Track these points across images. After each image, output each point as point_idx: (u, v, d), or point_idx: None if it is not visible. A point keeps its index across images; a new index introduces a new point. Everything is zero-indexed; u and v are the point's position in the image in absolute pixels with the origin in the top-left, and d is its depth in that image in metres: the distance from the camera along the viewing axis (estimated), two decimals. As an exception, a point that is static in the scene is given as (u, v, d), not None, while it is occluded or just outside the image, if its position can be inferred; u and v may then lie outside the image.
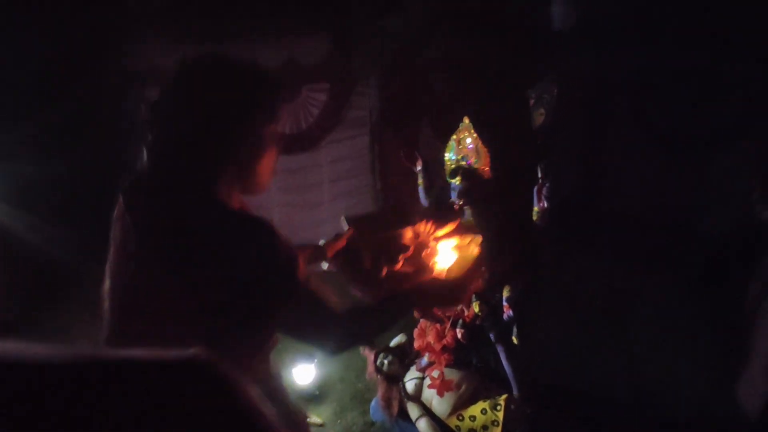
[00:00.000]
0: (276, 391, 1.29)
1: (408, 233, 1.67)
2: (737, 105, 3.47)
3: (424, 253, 1.62)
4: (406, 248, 1.62)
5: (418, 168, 2.57)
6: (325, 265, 1.47)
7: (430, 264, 1.56)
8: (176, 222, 1.00)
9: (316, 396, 3.09)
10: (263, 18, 4.12)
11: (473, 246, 1.59)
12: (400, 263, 1.57)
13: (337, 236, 1.51)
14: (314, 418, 2.92)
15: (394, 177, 4.01)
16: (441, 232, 1.70)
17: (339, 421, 2.91)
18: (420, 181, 2.58)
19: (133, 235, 1.03)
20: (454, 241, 1.66)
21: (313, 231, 4.34)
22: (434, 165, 2.53)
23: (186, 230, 1.00)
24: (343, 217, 1.63)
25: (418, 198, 2.66)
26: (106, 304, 1.11)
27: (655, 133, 4.00)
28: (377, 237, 1.59)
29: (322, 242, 1.50)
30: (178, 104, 1.02)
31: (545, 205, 2.03)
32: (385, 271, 1.51)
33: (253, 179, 1.10)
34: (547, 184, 2.00)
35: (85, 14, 4.32)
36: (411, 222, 1.65)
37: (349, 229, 1.55)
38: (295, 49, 4.08)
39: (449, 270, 1.45)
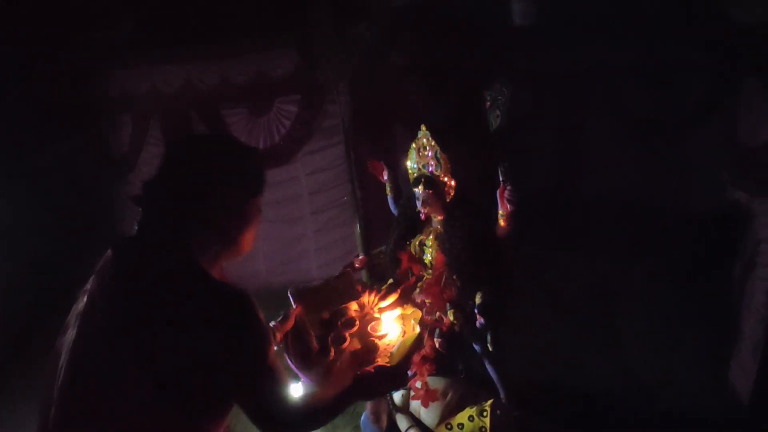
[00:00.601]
0: None
1: (353, 306, 1.75)
2: (703, 90, 3.47)
3: (370, 327, 1.68)
4: (352, 322, 1.67)
5: (385, 177, 2.54)
6: (275, 348, 1.43)
7: (375, 340, 1.61)
8: (155, 285, 1.03)
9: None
10: (230, 35, 4.09)
11: (414, 323, 1.66)
12: (348, 341, 1.61)
13: (285, 316, 1.51)
14: (305, 438, 2.88)
15: (373, 185, 3.97)
16: (384, 303, 1.78)
17: (330, 439, 2.88)
18: (388, 190, 2.55)
19: (108, 290, 1.04)
20: (397, 311, 1.73)
21: (296, 246, 4.31)
22: (404, 171, 2.49)
23: (163, 295, 1.02)
24: (289, 291, 1.62)
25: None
26: (62, 358, 1.06)
27: (629, 122, 3.99)
28: (323, 313, 1.63)
29: (271, 324, 1.49)
30: (170, 178, 1.08)
31: (509, 208, 1.99)
32: (333, 352, 1.52)
33: (237, 248, 1.16)
34: (508, 187, 1.96)
35: (54, 46, 4.31)
36: (355, 294, 1.72)
37: (296, 306, 1.55)
38: (264, 63, 4.05)
39: (395, 354, 1.47)
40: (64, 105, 4.55)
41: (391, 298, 1.77)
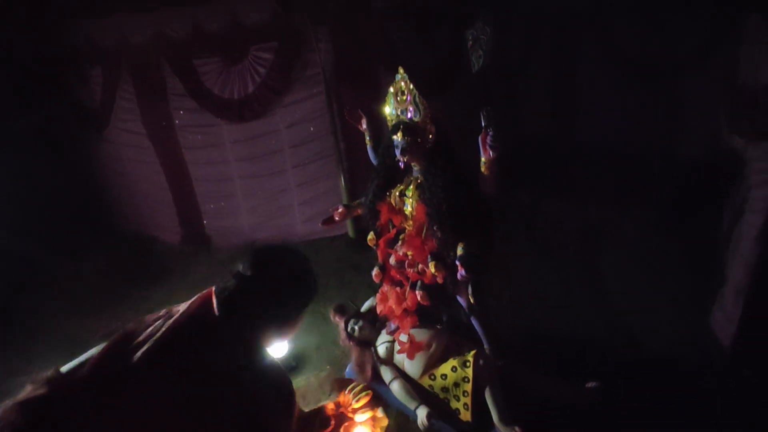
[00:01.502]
0: None
1: (330, 405, 2.24)
2: (702, 32, 3.29)
3: (343, 428, 2.12)
4: (327, 422, 2.10)
5: (363, 126, 2.41)
6: None
7: None
8: (227, 344, 1.33)
9: (292, 367, 3.07)
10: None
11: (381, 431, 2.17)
12: None
13: None
14: (292, 390, 2.90)
15: (356, 136, 3.83)
16: (358, 405, 2.29)
17: (317, 390, 2.89)
18: (367, 140, 2.43)
19: (194, 325, 1.32)
20: (368, 414, 2.23)
21: (278, 200, 4.21)
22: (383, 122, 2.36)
23: (231, 355, 1.32)
24: None
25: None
26: (147, 336, 1.26)
27: (624, 63, 3.83)
28: (303, 413, 1.86)
29: None
30: (259, 281, 1.40)
31: (491, 154, 1.89)
32: None
33: (283, 337, 1.52)
34: (491, 132, 1.85)
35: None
36: (334, 394, 2.21)
37: None
38: (238, 8, 3.79)
39: None
40: (32, 60, 4.31)
41: (364, 401, 2.29)
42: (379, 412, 2.31)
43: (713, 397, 2.44)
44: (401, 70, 1.99)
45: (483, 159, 1.93)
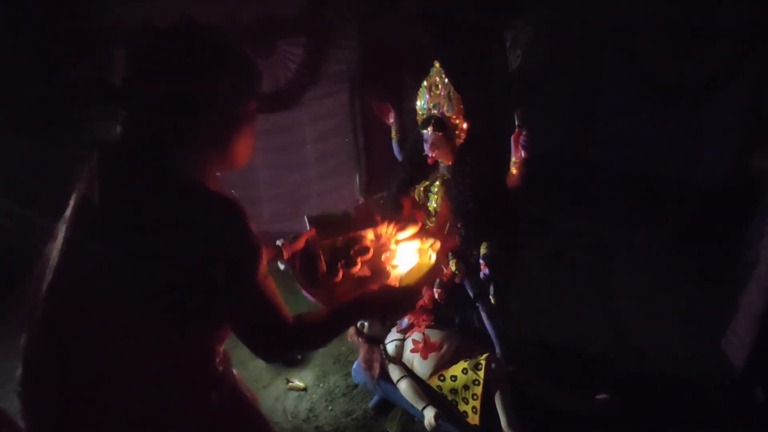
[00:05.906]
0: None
1: (369, 235, 1.65)
2: (726, 52, 3.30)
3: (383, 257, 1.59)
4: (366, 251, 1.60)
5: (391, 120, 2.42)
6: (281, 266, 1.46)
7: (388, 268, 1.53)
8: (142, 193, 0.96)
9: (297, 361, 3.05)
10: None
11: (431, 254, 1.54)
12: (358, 266, 1.56)
13: (296, 237, 1.50)
14: (296, 383, 2.88)
15: (376, 135, 3.85)
16: (403, 235, 1.67)
17: (321, 385, 2.88)
18: (393, 134, 2.43)
19: (95, 196, 0.96)
20: (415, 244, 1.60)
21: (301, 192, 4.23)
22: (410, 116, 2.37)
23: (150, 203, 0.96)
24: (305, 217, 1.57)
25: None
26: (42, 293, 0.99)
27: (647, 81, 3.84)
28: (337, 239, 1.54)
29: (279, 242, 1.48)
30: (155, 76, 0.96)
31: (523, 154, 1.89)
32: (341, 274, 1.49)
33: (230, 156, 1.07)
34: (524, 132, 1.85)
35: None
36: (373, 224, 1.61)
37: (310, 229, 1.51)
38: (270, 2, 3.83)
39: (405, 277, 1.41)
40: (56, 35, 4.34)
41: (411, 230, 1.64)
42: (429, 240, 1.59)
43: (722, 414, 2.41)
44: (437, 64, 2.00)
45: (513, 159, 1.92)
